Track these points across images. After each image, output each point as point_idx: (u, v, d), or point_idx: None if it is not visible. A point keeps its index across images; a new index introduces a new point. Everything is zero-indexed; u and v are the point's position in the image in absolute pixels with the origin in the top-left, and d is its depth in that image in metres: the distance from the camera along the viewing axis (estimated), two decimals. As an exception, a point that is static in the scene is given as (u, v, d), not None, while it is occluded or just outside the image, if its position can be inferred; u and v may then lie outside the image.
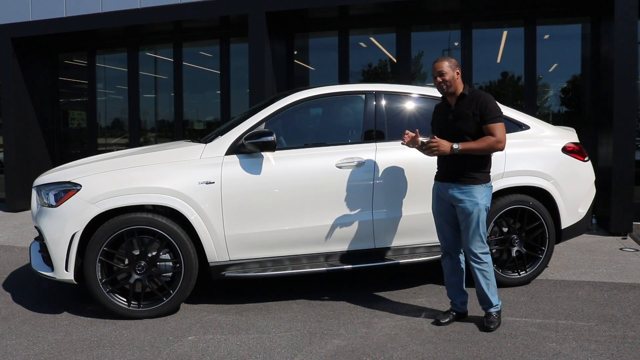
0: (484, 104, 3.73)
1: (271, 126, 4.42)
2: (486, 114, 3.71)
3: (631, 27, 6.49)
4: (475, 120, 3.73)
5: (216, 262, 4.24)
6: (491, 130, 3.70)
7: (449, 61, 3.80)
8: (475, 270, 3.84)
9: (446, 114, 3.88)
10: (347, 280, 5.02)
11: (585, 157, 5.04)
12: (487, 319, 3.87)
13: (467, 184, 3.76)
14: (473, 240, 3.78)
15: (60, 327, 3.99)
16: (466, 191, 3.75)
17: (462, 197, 3.76)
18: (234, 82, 9.35)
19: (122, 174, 4.15)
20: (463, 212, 3.77)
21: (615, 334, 3.71)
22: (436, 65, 3.81)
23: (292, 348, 3.57)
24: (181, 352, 3.53)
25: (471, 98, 3.80)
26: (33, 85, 9.69)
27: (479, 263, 3.82)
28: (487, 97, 3.79)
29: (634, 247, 6.17)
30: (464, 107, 3.78)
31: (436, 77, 3.81)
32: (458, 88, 3.83)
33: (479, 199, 3.75)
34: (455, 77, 3.80)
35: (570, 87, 8.25)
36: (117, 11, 8.57)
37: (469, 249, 3.82)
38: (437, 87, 3.86)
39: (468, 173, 3.76)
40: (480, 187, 3.77)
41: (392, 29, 8.59)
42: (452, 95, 3.85)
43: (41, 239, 4.26)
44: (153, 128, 10.16)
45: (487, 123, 3.72)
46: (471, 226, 3.76)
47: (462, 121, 3.75)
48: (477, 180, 3.77)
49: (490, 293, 3.85)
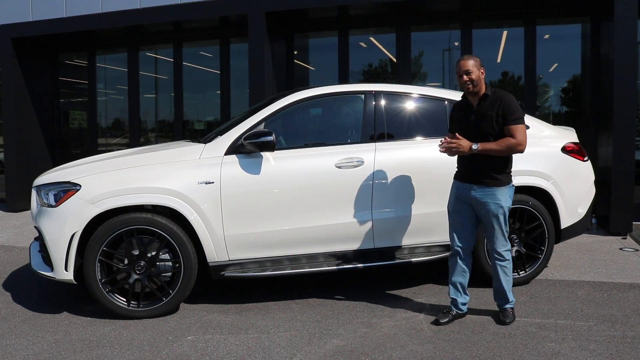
0: (507, 105, 3.73)
1: (271, 126, 4.42)
2: (508, 114, 3.72)
3: (631, 27, 6.49)
4: (498, 121, 3.74)
5: (215, 262, 4.24)
6: (512, 132, 3.71)
7: (474, 60, 3.81)
8: (497, 266, 3.92)
9: (468, 113, 3.88)
10: (347, 280, 5.02)
11: (584, 156, 5.04)
12: (502, 313, 3.97)
13: (491, 186, 3.78)
14: (497, 240, 3.86)
15: (60, 327, 3.99)
16: (489, 193, 3.78)
17: (486, 200, 3.79)
18: (234, 82, 9.35)
19: (122, 174, 4.15)
20: (488, 214, 3.81)
21: (615, 334, 3.71)
22: (462, 63, 3.79)
23: (291, 348, 3.57)
24: (180, 352, 3.53)
25: (494, 98, 3.80)
26: (33, 85, 9.70)
27: (502, 260, 3.91)
28: (510, 97, 3.79)
29: (633, 247, 6.17)
30: (487, 108, 3.78)
31: (462, 75, 3.79)
32: (482, 88, 3.83)
33: (503, 201, 3.79)
34: (480, 77, 3.80)
35: (570, 87, 8.24)
36: (117, 11, 8.58)
37: (493, 249, 3.90)
38: (462, 85, 3.83)
39: (491, 174, 3.78)
40: (503, 188, 3.81)
41: (392, 29, 8.59)
42: (474, 94, 3.84)
43: (41, 239, 4.26)
44: (153, 128, 10.17)
45: (508, 124, 3.72)
46: (496, 227, 3.83)
47: (485, 122, 3.76)
48: (500, 182, 3.80)
49: (508, 289, 3.95)
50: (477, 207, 3.87)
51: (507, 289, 3.95)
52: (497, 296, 4.03)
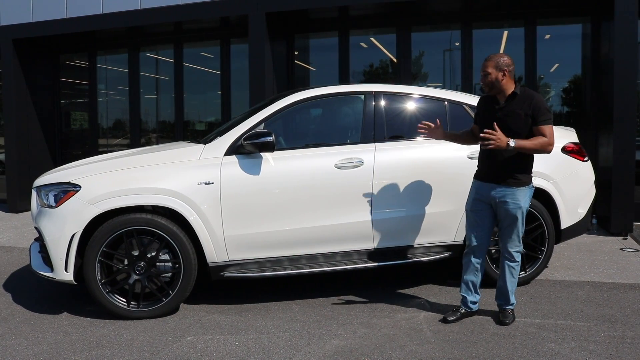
0: (537, 105, 3.74)
1: (270, 127, 4.43)
2: (539, 115, 3.73)
3: (631, 27, 6.48)
4: (527, 120, 3.75)
5: (215, 262, 4.24)
6: (543, 131, 3.73)
7: (496, 62, 3.79)
8: (505, 266, 3.94)
9: (494, 110, 3.87)
10: (346, 281, 5.02)
11: (585, 157, 5.03)
12: (502, 313, 3.98)
13: (512, 186, 3.79)
14: (512, 241, 3.88)
15: (60, 328, 4.00)
16: (510, 193, 3.79)
17: (506, 199, 3.79)
18: (235, 82, 9.36)
19: (122, 175, 4.16)
20: (507, 214, 3.81)
21: (615, 334, 3.71)
22: (483, 64, 3.84)
23: (291, 348, 3.57)
24: (180, 353, 3.53)
25: (523, 97, 3.80)
26: (34, 86, 9.71)
27: (512, 261, 3.93)
28: (540, 98, 3.81)
29: (634, 247, 6.16)
30: (515, 106, 3.79)
31: (482, 76, 3.86)
32: (508, 87, 3.82)
33: (522, 202, 3.81)
34: (500, 78, 3.79)
35: (571, 87, 8.24)
36: (118, 12, 8.59)
37: (505, 248, 3.91)
38: (484, 86, 3.89)
39: (514, 175, 3.79)
40: (524, 189, 3.82)
41: (393, 29, 8.59)
42: (500, 92, 3.85)
43: (41, 239, 4.26)
44: (154, 129, 10.17)
45: (539, 124, 3.74)
46: (513, 227, 3.84)
47: (512, 120, 3.76)
48: (522, 182, 3.81)
49: (512, 291, 3.96)
50: (496, 207, 3.87)
51: (511, 290, 3.96)
52: (499, 296, 4.04)
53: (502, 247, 3.96)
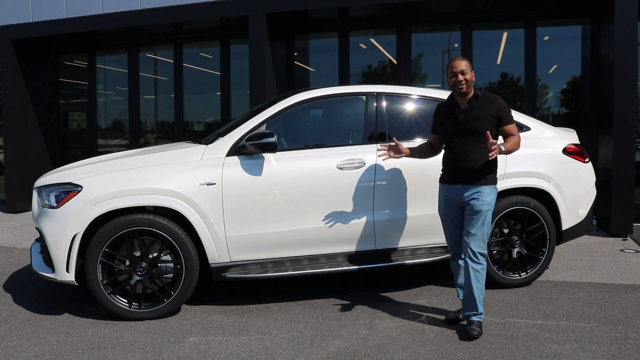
0: (502, 107, 3.78)
1: (272, 127, 4.43)
2: (505, 115, 3.77)
3: (631, 29, 6.49)
4: (492, 122, 3.75)
5: (217, 263, 4.23)
6: (511, 131, 3.79)
7: (468, 61, 3.81)
8: (469, 269, 3.74)
9: (456, 114, 3.83)
10: (348, 282, 5.02)
11: (585, 158, 5.04)
12: (469, 326, 3.73)
13: (478, 185, 3.76)
14: (475, 238, 3.74)
15: (61, 329, 3.99)
16: (476, 191, 3.75)
17: (475, 196, 3.75)
18: (234, 83, 9.35)
19: (123, 175, 4.15)
20: (471, 210, 3.75)
21: (617, 335, 3.71)
22: (457, 63, 3.78)
23: (294, 349, 3.57)
24: (182, 354, 3.52)
25: (485, 99, 3.81)
26: (33, 86, 9.69)
27: (476, 263, 3.73)
28: (501, 99, 3.84)
29: (634, 248, 6.17)
30: (478, 109, 3.77)
31: (457, 74, 3.75)
32: (472, 89, 3.83)
33: (488, 200, 3.76)
34: (473, 79, 3.81)
35: (571, 88, 8.26)
36: (117, 12, 8.57)
37: (468, 246, 3.75)
38: (456, 85, 3.77)
39: (479, 174, 3.76)
40: (490, 187, 3.79)
41: (393, 30, 8.60)
42: (463, 95, 3.82)
43: (42, 240, 4.25)
44: (153, 129, 10.16)
45: (506, 125, 3.78)
46: (476, 224, 3.73)
47: (478, 122, 3.74)
48: (488, 181, 3.79)
49: (479, 298, 3.75)
50: (464, 206, 3.82)
51: (478, 297, 3.74)
52: (467, 306, 3.79)
53: (464, 245, 3.78)
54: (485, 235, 3.77)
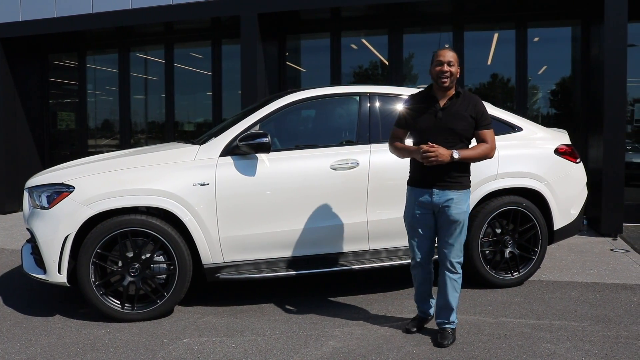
0: (480, 109, 3.54)
1: (265, 128, 4.41)
2: (482, 119, 3.53)
3: (621, 30, 6.55)
4: (471, 123, 3.51)
5: (210, 264, 4.21)
6: (485, 137, 3.53)
7: (456, 53, 3.55)
8: (447, 279, 3.61)
9: (434, 111, 3.53)
10: (342, 282, 5.02)
11: (577, 158, 5.08)
12: (441, 333, 3.62)
13: (454, 189, 3.51)
14: (453, 249, 3.56)
15: (53, 330, 3.95)
16: (453, 197, 3.50)
17: (450, 204, 3.50)
18: (226, 83, 9.33)
19: (116, 176, 4.12)
20: (448, 219, 3.52)
21: (609, 334, 3.74)
22: (445, 52, 3.49)
23: (288, 350, 3.56)
24: (176, 355, 3.50)
25: (466, 98, 3.57)
26: (22, 86, 9.61)
27: (453, 273, 3.60)
28: (480, 100, 3.61)
29: (624, 248, 6.23)
30: (459, 107, 3.52)
31: (444, 63, 3.46)
32: (454, 85, 3.56)
33: (465, 207, 3.55)
34: (457, 74, 3.53)
35: (561, 89, 8.32)
36: (108, 12, 8.53)
37: (447, 258, 3.58)
38: (439, 75, 3.48)
39: (455, 177, 3.51)
40: (466, 192, 3.57)
41: (384, 31, 8.62)
42: (444, 90, 3.54)
43: (33, 241, 4.21)
44: (144, 129, 10.11)
45: (481, 129, 3.53)
46: (454, 234, 3.54)
47: (457, 121, 3.49)
48: (463, 185, 3.55)
49: (455, 307, 3.64)
50: (439, 213, 3.56)
51: (454, 306, 3.62)
52: (441, 314, 3.66)
53: (442, 257, 3.60)
54: (462, 243, 3.61)
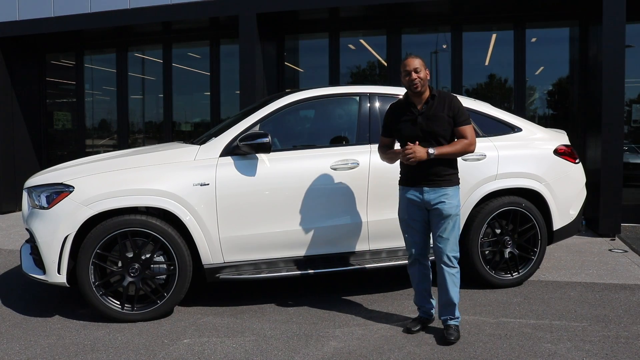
0: (457, 106, 3.64)
1: (266, 128, 4.41)
2: (459, 116, 3.63)
3: (619, 31, 6.57)
4: (449, 122, 3.62)
5: (210, 264, 4.21)
6: (463, 133, 3.63)
7: (421, 59, 3.65)
8: (445, 274, 3.67)
9: (412, 115, 3.67)
10: (341, 282, 5.01)
11: (576, 159, 5.09)
12: (447, 330, 3.68)
13: (444, 186, 3.62)
14: (448, 243, 3.64)
15: (53, 331, 3.93)
16: (443, 193, 3.60)
17: (441, 200, 3.60)
18: (224, 83, 9.32)
19: (116, 176, 4.11)
20: (442, 215, 3.61)
21: (609, 334, 3.75)
22: (410, 61, 3.61)
23: (289, 350, 3.55)
24: (177, 355, 3.49)
25: (441, 99, 3.67)
26: (19, 85, 9.57)
27: (451, 267, 3.67)
28: (457, 98, 3.71)
29: (622, 248, 6.24)
30: (436, 109, 3.63)
31: (411, 72, 3.58)
32: (427, 89, 3.69)
33: (455, 202, 3.65)
34: (427, 77, 3.65)
35: (559, 89, 8.34)
36: (106, 11, 8.51)
37: (443, 253, 3.65)
38: (410, 84, 3.60)
39: (443, 175, 3.62)
40: (456, 188, 3.68)
41: (383, 32, 8.63)
42: (419, 95, 3.67)
43: (32, 241, 4.20)
44: (141, 129, 10.08)
45: (460, 125, 3.63)
46: (447, 228, 3.62)
47: (437, 123, 3.61)
48: (452, 182, 3.66)
49: (457, 302, 3.70)
50: (431, 211, 3.65)
51: (456, 301, 3.69)
52: (445, 311, 3.73)
53: (437, 252, 3.67)
54: (457, 238, 3.69)
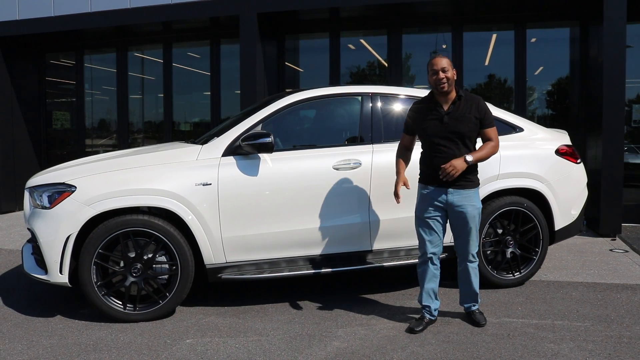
0: (484, 109, 3.75)
1: (268, 128, 4.40)
2: (486, 118, 3.75)
3: (620, 31, 6.57)
4: (476, 124, 3.73)
5: (213, 264, 4.20)
6: (490, 135, 3.77)
7: (449, 59, 3.73)
8: (469, 269, 3.91)
9: (439, 115, 3.73)
10: (344, 282, 5.01)
11: (577, 159, 5.10)
12: (474, 315, 3.97)
13: (467, 188, 3.75)
14: (473, 242, 3.84)
15: (55, 331, 3.92)
16: (466, 195, 3.74)
17: (465, 203, 3.73)
18: (224, 83, 9.30)
19: (118, 175, 4.10)
20: (465, 217, 3.75)
21: (611, 334, 3.75)
22: (438, 60, 3.69)
23: (292, 350, 3.55)
24: (180, 356, 3.49)
25: (468, 100, 3.74)
26: (19, 85, 9.55)
27: (473, 262, 3.92)
28: (482, 100, 3.81)
29: (623, 248, 6.25)
30: (464, 110, 3.71)
31: (438, 72, 3.66)
32: (453, 88, 3.75)
33: (478, 203, 3.81)
34: (454, 77, 3.73)
35: (559, 89, 8.34)
36: (106, 11, 8.49)
37: (468, 252, 3.86)
38: (437, 83, 3.68)
39: (467, 177, 3.73)
40: (477, 189, 3.83)
41: (383, 31, 8.62)
42: (445, 95, 3.74)
43: (34, 241, 4.19)
44: (141, 129, 10.07)
45: (486, 128, 3.76)
46: (472, 230, 3.80)
47: (463, 124, 3.68)
48: (475, 183, 3.81)
49: (477, 290, 3.99)
50: (452, 212, 3.77)
51: (477, 290, 3.98)
52: (467, 299, 4.02)
53: (463, 252, 3.88)
54: (478, 235, 3.90)
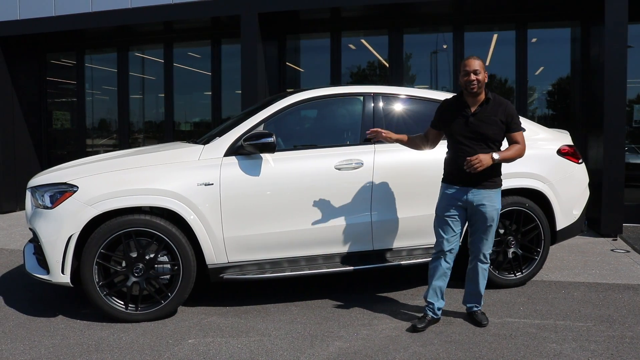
0: (511, 113, 3.78)
1: (269, 128, 4.40)
2: (513, 122, 3.78)
3: (621, 31, 6.57)
4: (502, 127, 3.76)
5: (214, 264, 4.20)
6: (517, 139, 3.80)
7: (481, 61, 3.77)
8: (478, 269, 3.95)
9: (465, 115, 3.79)
10: (345, 282, 5.01)
11: (579, 159, 5.10)
12: (476, 316, 3.99)
13: (489, 188, 3.79)
14: (488, 243, 3.90)
15: (57, 331, 3.92)
16: (487, 196, 3.78)
17: (485, 202, 3.77)
18: (225, 83, 9.30)
19: (120, 175, 4.09)
20: (484, 217, 3.79)
21: (614, 334, 3.75)
22: (471, 62, 3.73)
23: (294, 350, 3.55)
24: (182, 356, 3.49)
25: (496, 104, 3.78)
26: (20, 85, 9.55)
27: (485, 263, 3.96)
28: (511, 105, 3.86)
29: (624, 248, 6.25)
30: (489, 112, 3.76)
31: (470, 73, 3.70)
32: (483, 91, 3.80)
33: (498, 204, 3.84)
34: (485, 79, 3.77)
35: (561, 89, 8.34)
36: (107, 11, 8.49)
37: (481, 251, 3.91)
38: (467, 84, 3.72)
39: (491, 178, 3.78)
40: (499, 190, 3.87)
41: (384, 31, 8.62)
42: (474, 96, 3.78)
43: (36, 241, 4.18)
44: (142, 129, 10.06)
45: (513, 131, 3.80)
46: (490, 230, 3.85)
47: (487, 126, 3.73)
48: (497, 184, 3.84)
49: (483, 292, 4.03)
50: (472, 211, 3.82)
51: (483, 292, 4.02)
52: (472, 299, 4.05)
53: (476, 250, 3.93)
54: (494, 236, 3.94)
